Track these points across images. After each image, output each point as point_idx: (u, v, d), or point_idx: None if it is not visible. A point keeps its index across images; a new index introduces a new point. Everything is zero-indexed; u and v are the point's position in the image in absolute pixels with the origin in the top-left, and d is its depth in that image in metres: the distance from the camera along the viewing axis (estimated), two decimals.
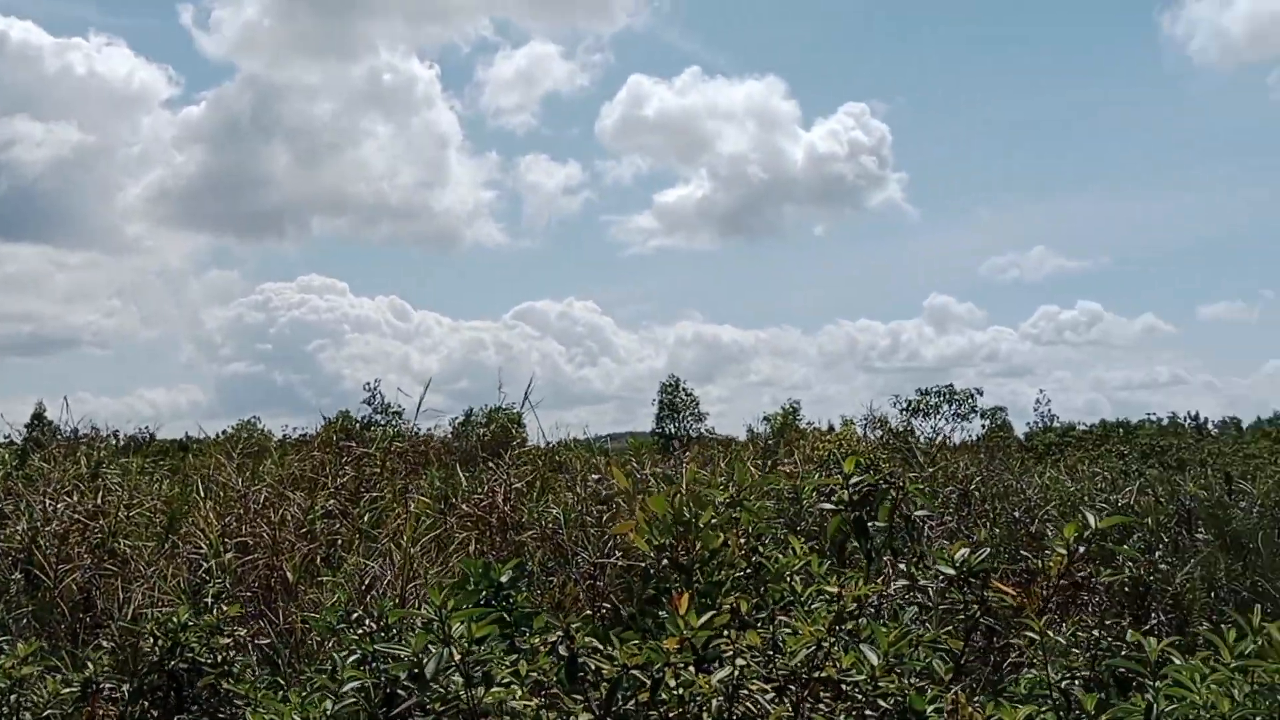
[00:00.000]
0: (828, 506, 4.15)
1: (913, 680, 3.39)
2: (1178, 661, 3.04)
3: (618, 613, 4.12)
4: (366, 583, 7.36)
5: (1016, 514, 9.87)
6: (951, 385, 30.60)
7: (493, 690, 3.25)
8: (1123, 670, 3.46)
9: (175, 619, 4.68)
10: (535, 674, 3.43)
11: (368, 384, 27.79)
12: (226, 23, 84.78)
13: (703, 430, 29.50)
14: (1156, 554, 9.19)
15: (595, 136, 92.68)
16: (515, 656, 3.47)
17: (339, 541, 9.61)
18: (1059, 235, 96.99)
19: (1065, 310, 75.74)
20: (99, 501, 10.18)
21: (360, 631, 4.51)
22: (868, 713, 3.26)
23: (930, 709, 3.18)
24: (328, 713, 3.80)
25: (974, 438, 25.53)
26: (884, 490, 4.05)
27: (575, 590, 7.45)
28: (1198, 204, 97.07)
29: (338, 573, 8.21)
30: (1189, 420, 41.09)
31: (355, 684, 3.84)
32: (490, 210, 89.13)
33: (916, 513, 4.08)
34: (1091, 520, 3.74)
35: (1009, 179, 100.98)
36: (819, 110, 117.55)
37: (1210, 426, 42.38)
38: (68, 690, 4.76)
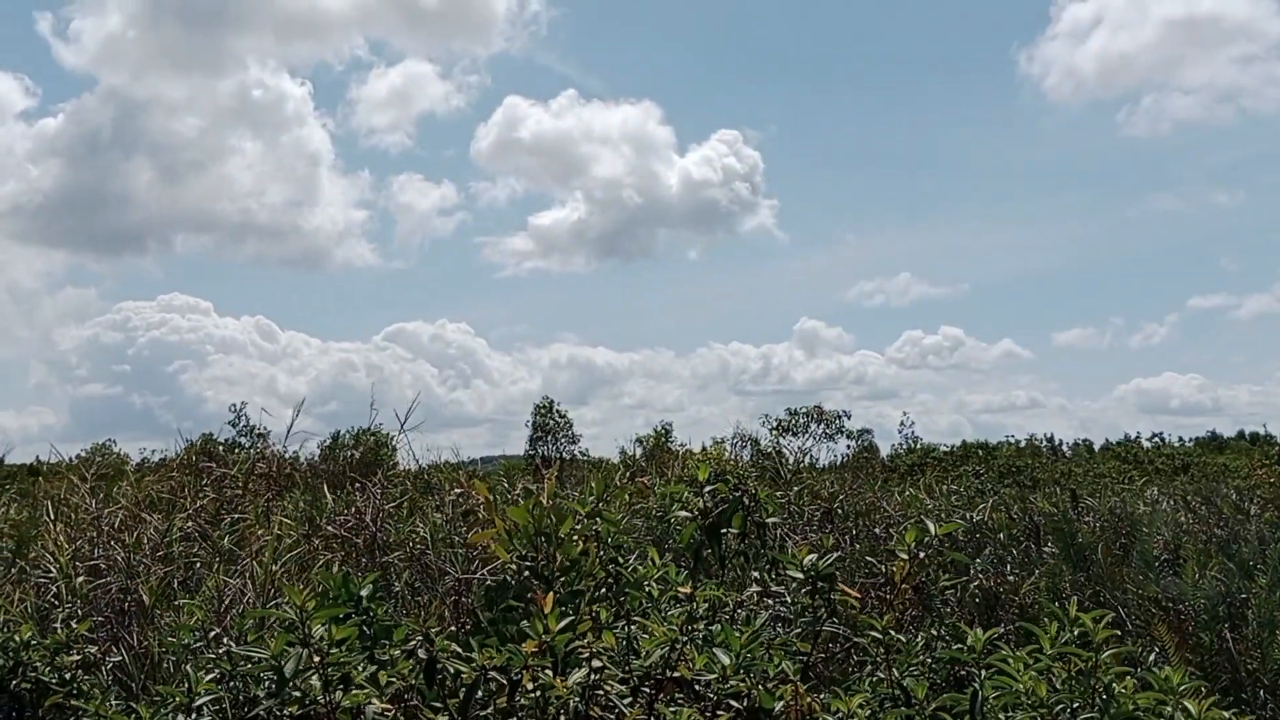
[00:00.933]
0: (683, 514, 4.28)
1: (764, 680, 3.52)
2: (1005, 652, 3.25)
3: (479, 624, 4.17)
4: (226, 603, 7.22)
5: (876, 530, 10.22)
6: (820, 406, 31.32)
7: (351, 694, 3.26)
8: (959, 667, 3.67)
9: (18, 638, 4.53)
10: (394, 681, 3.46)
11: (233, 405, 27.09)
12: (87, 33, 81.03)
13: (576, 452, 29.54)
14: (1007, 566, 9.64)
15: (470, 158, 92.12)
16: (374, 667, 3.49)
17: (198, 564, 9.39)
18: (923, 262, 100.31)
19: (929, 335, 78.40)
20: None
21: (220, 650, 4.46)
22: (719, 711, 3.38)
23: (778, 706, 3.32)
24: None
25: (840, 459, 26.23)
26: (737, 499, 4.20)
27: (441, 607, 7.44)
28: (1052, 233, 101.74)
29: (196, 595, 8.01)
30: (1044, 442, 42.92)
31: (209, 697, 3.80)
32: (362, 230, 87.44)
33: (768, 519, 4.23)
34: (931, 528, 3.95)
35: (876, 207, 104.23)
36: (693, 136, 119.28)
37: (1065, 448, 44.33)
38: None
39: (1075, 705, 3.02)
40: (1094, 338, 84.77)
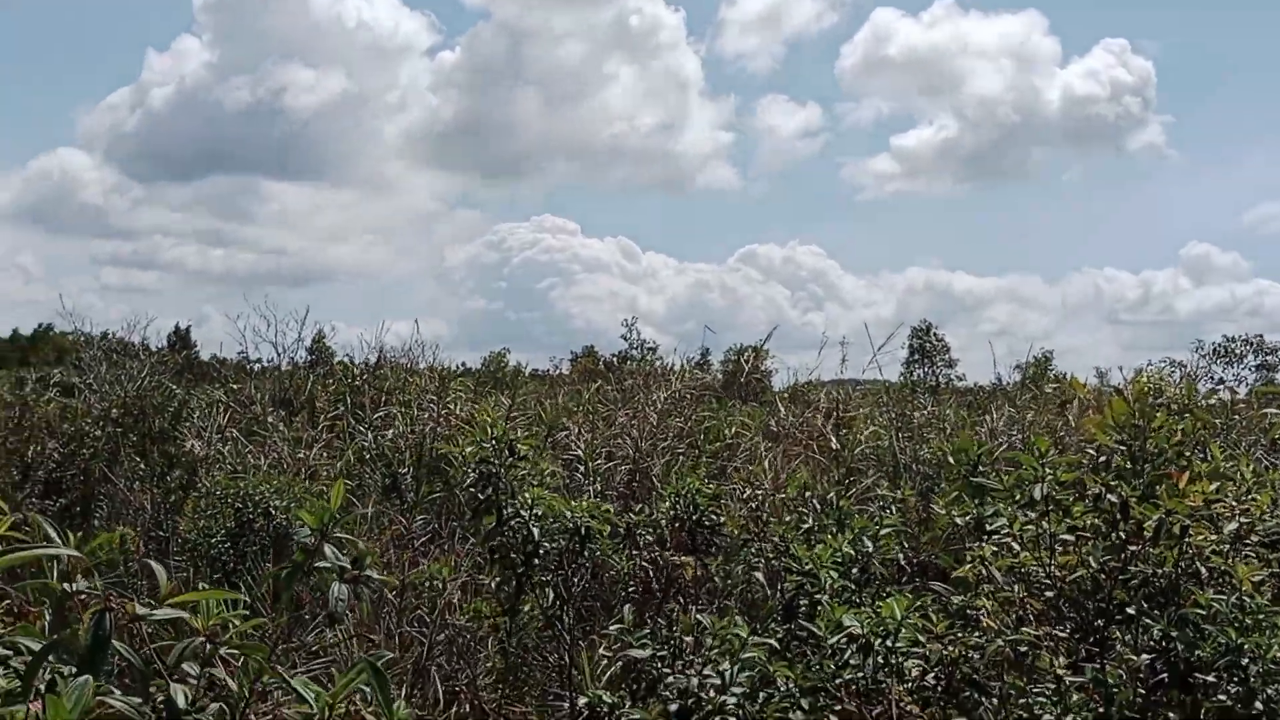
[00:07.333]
0: (1274, 411, 5.54)
1: None
2: None
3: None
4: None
5: None
6: (1262, 336, 30.48)
7: None
8: None
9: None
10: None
11: (625, 320, 30.95)
12: None
13: (952, 377, 30.37)
14: None
15: (835, 77, 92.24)
16: None
17: (681, 456, 11.60)
18: None
19: None
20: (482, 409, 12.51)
21: None
22: None
23: None
24: None
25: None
26: None
27: None
28: None
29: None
30: None
31: None
32: (726, 153, 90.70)
33: None
34: None
35: None
36: (1078, 47, 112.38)
37: None
38: None
39: None
40: None
